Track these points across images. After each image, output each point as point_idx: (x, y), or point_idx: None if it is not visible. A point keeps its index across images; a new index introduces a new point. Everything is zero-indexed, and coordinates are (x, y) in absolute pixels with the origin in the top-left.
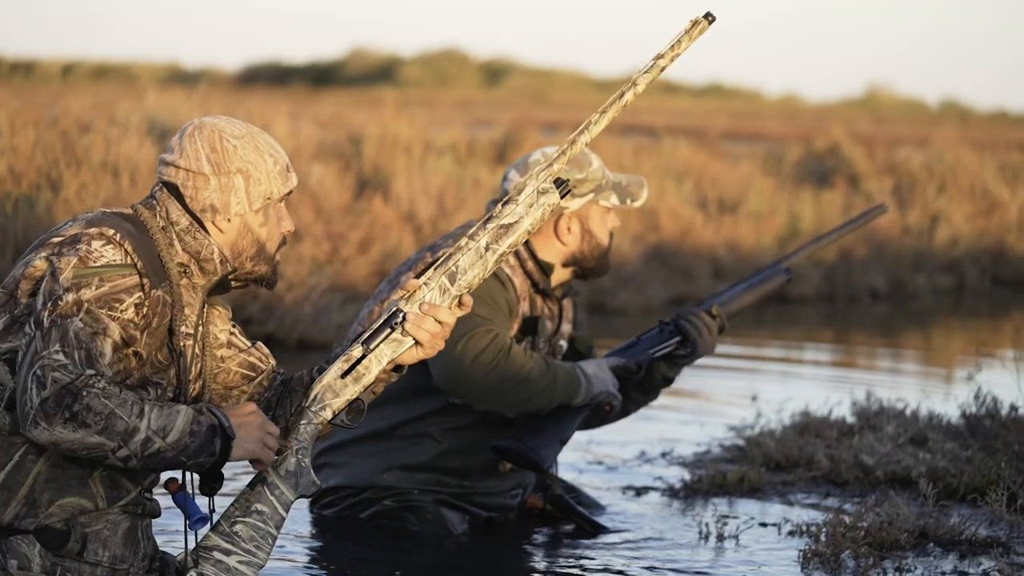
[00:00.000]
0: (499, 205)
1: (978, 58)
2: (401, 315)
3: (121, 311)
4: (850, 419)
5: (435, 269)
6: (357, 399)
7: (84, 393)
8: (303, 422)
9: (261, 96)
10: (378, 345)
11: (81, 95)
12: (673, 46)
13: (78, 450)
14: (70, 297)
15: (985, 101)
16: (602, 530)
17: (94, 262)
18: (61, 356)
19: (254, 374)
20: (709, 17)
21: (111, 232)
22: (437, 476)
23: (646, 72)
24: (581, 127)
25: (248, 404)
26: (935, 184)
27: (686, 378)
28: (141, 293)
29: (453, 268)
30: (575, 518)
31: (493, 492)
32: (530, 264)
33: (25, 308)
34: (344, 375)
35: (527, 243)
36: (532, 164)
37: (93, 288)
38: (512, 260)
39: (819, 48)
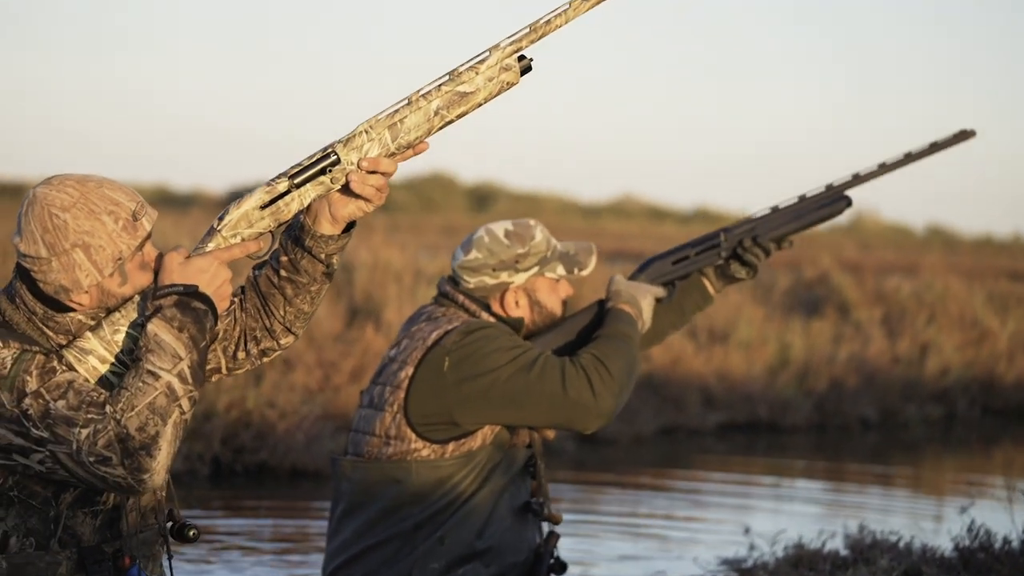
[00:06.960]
0: (459, 67)
1: (963, 184)
2: (334, 157)
3: (61, 373)
4: (844, 552)
5: (378, 120)
6: (269, 232)
7: (125, 428)
8: (212, 244)
9: None
10: (304, 184)
11: None
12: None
13: (172, 450)
14: (27, 402)
15: (970, 227)
16: None
17: (4, 369)
18: (81, 431)
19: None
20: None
21: None
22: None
23: None
24: (555, 9)
25: (171, 256)
26: (925, 313)
27: (680, 508)
28: (56, 362)
29: (398, 123)
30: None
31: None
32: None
33: None
34: (264, 207)
35: (488, 307)
36: (476, 241)
37: (31, 379)
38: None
39: (804, 173)
